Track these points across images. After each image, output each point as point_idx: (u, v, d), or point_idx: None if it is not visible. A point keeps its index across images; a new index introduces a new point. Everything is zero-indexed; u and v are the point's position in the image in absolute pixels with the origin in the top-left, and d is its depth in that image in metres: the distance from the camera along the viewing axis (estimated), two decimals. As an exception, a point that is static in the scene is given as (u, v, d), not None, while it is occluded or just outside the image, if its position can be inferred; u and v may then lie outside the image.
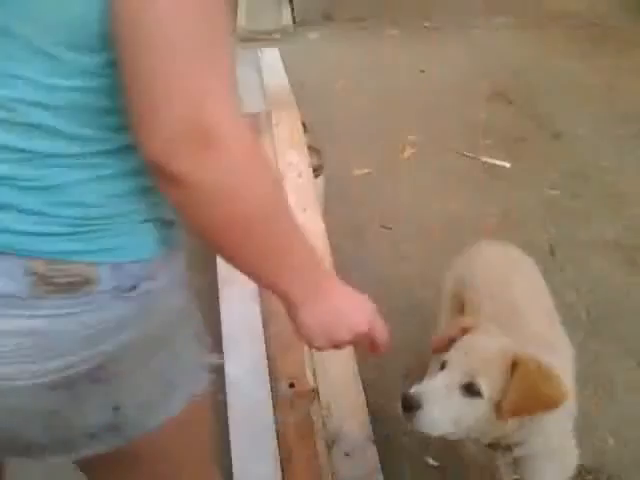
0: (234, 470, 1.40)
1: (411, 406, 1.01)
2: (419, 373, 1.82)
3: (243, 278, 1.83)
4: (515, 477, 1.52)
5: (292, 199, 2.05)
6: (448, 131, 3.09)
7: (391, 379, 1.81)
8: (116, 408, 0.77)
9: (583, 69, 3.70)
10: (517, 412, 1.01)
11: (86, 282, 0.69)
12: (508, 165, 2.82)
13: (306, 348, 1.68)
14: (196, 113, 0.61)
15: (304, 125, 2.43)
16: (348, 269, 2.20)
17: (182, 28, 0.60)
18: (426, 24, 4.44)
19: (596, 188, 2.65)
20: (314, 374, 1.61)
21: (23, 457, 0.91)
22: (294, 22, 4.42)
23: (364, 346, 0.89)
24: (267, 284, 0.83)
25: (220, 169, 0.63)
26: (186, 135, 0.60)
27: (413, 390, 1.03)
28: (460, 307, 1.47)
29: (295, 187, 2.10)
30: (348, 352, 1.62)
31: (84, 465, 0.95)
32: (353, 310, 0.86)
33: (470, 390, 1.01)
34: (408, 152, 2.93)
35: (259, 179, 0.68)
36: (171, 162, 0.61)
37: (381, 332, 0.88)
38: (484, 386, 1.00)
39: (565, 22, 4.39)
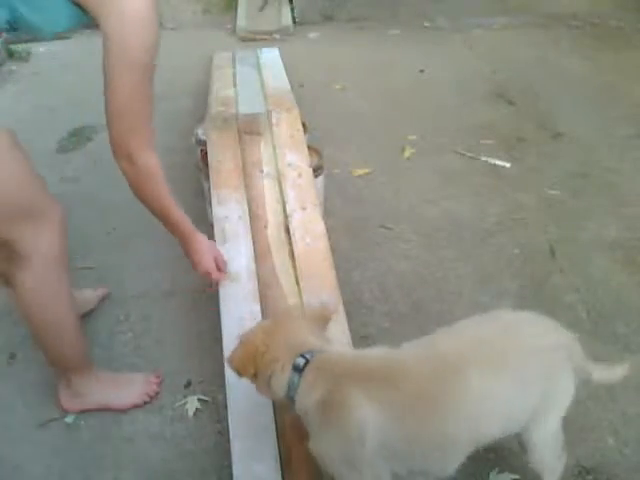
0: (234, 470, 1.40)
1: None
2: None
3: (243, 278, 1.86)
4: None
5: (292, 199, 2.05)
6: (448, 131, 3.09)
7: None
8: None
9: (583, 69, 3.71)
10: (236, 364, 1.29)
11: None
12: (508, 165, 2.82)
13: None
14: (125, 145, 1.43)
15: (304, 125, 2.43)
16: (348, 269, 2.20)
17: (128, 96, 1.38)
18: (426, 24, 4.44)
19: (596, 188, 2.65)
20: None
21: None
22: (294, 22, 4.42)
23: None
24: (169, 223, 1.60)
25: (135, 173, 1.46)
26: (123, 154, 1.44)
27: None
28: None
29: (295, 187, 2.10)
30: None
31: None
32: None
33: None
34: (408, 152, 2.93)
35: (155, 184, 1.52)
36: (118, 162, 1.45)
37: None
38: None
39: (565, 22, 4.40)
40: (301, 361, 1.23)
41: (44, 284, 1.50)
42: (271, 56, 3.30)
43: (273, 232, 1.97)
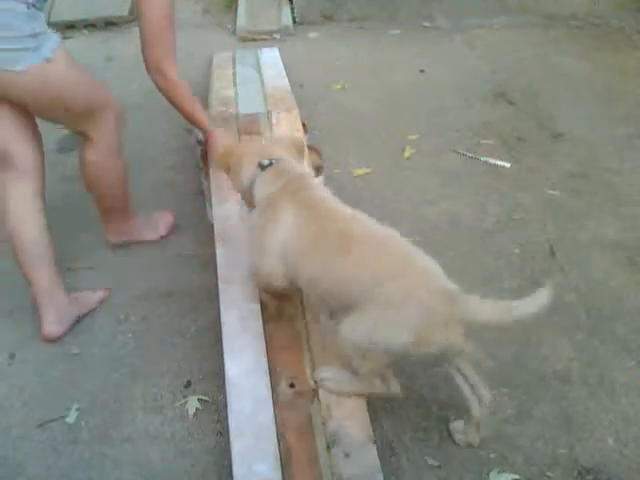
0: (234, 470, 1.41)
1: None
2: (419, 372, 1.83)
3: (243, 278, 1.87)
4: None
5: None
6: (448, 131, 3.09)
7: (391, 379, 1.81)
8: None
9: (583, 69, 3.71)
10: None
11: None
12: (508, 165, 2.82)
13: (306, 348, 1.69)
14: (159, 65, 1.93)
15: (304, 125, 2.43)
16: (348, 269, 2.20)
17: (158, 27, 1.89)
18: (426, 24, 4.44)
19: (596, 188, 2.65)
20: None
21: None
22: (294, 22, 4.42)
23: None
24: (194, 121, 2.14)
25: (168, 85, 1.98)
26: (156, 71, 1.95)
27: None
28: None
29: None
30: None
31: None
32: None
33: None
34: (408, 152, 2.93)
35: (179, 90, 2.02)
36: (152, 77, 1.98)
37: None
38: None
39: (565, 22, 4.39)
40: (266, 162, 1.59)
41: (105, 162, 2.03)
42: (271, 56, 3.30)
43: (273, 232, 1.97)
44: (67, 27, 4.26)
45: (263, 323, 1.73)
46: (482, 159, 2.87)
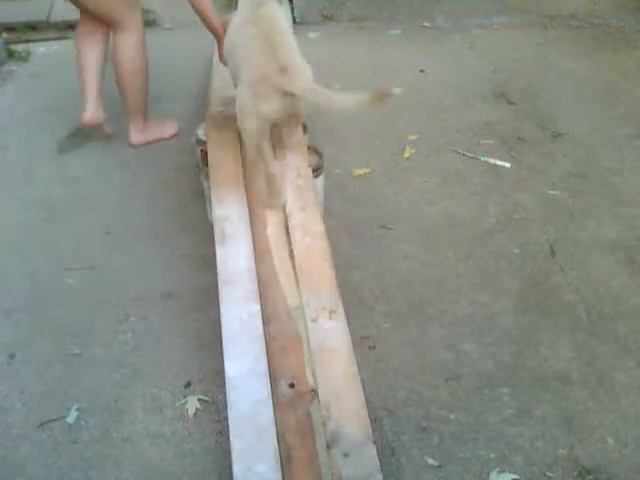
0: (234, 470, 1.40)
1: None
2: (419, 372, 1.83)
3: (243, 278, 1.87)
4: None
5: (291, 199, 2.05)
6: (448, 131, 3.09)
7: (391, 379, 1.81)
8: None
9: (583, 69, 3.71)
10: None
11: None
12: (508, 165, 2.82)
13: (306, 348, 1.69)
14: None
15: (304, 125, 2.43)
16: (348, 269, 2.20)
17: None
18: (426, 24, 4.44)
19: (596, 188, 2.65)
20: (314, 374, 1.60)
21: None
22: (294, 22, 4.42)
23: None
24: (211, 27, 2.61)
25: None
26: None
27: None
28: None
29: (295, 187, 2.10)
30: (348, 352, 1.62)
31: None
32: None
33: None
34: (408, 152, 2.93)
35: (204, 2, 2.58)
36: None
37: None
38: None
39: (565, 22, 4.40)
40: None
41: (136, 46, 2.65)
42: (271, 56, 3.29)
43: (273, 232, 1.97)
44: (67, 27, 4.26)
45: (263, 323, 1.73)
46: (482, 159, 2.87)
